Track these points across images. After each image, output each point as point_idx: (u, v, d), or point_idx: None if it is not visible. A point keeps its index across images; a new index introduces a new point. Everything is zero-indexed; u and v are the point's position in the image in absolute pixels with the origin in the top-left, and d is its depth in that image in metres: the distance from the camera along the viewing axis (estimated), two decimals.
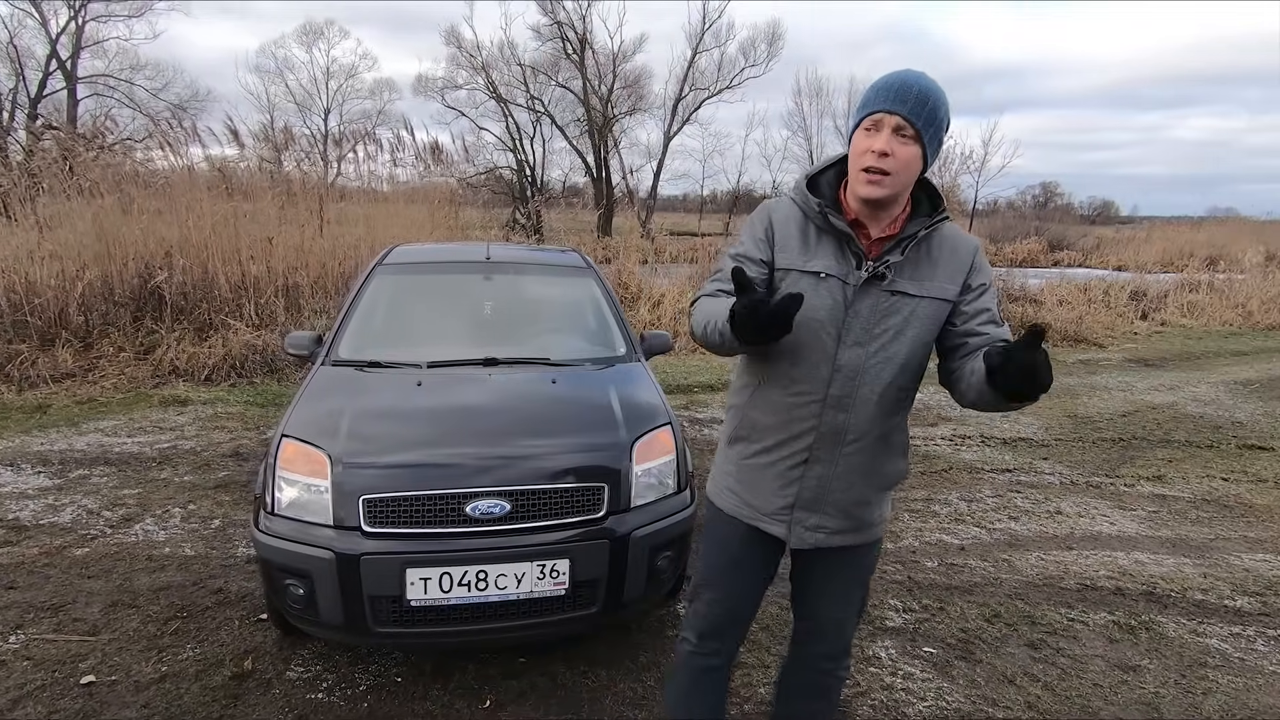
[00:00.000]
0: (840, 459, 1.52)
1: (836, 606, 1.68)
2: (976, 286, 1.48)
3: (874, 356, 1.46)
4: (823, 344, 1.47)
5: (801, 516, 1.56)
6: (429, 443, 2.31)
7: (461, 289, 3.42)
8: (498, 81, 27.28)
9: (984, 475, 4.49)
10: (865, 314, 1.45)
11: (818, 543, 1.58)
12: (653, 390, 2.83)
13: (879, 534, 1.65)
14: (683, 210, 40.84)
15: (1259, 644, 2.66)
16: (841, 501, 1.55)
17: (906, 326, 1.46)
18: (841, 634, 1.70)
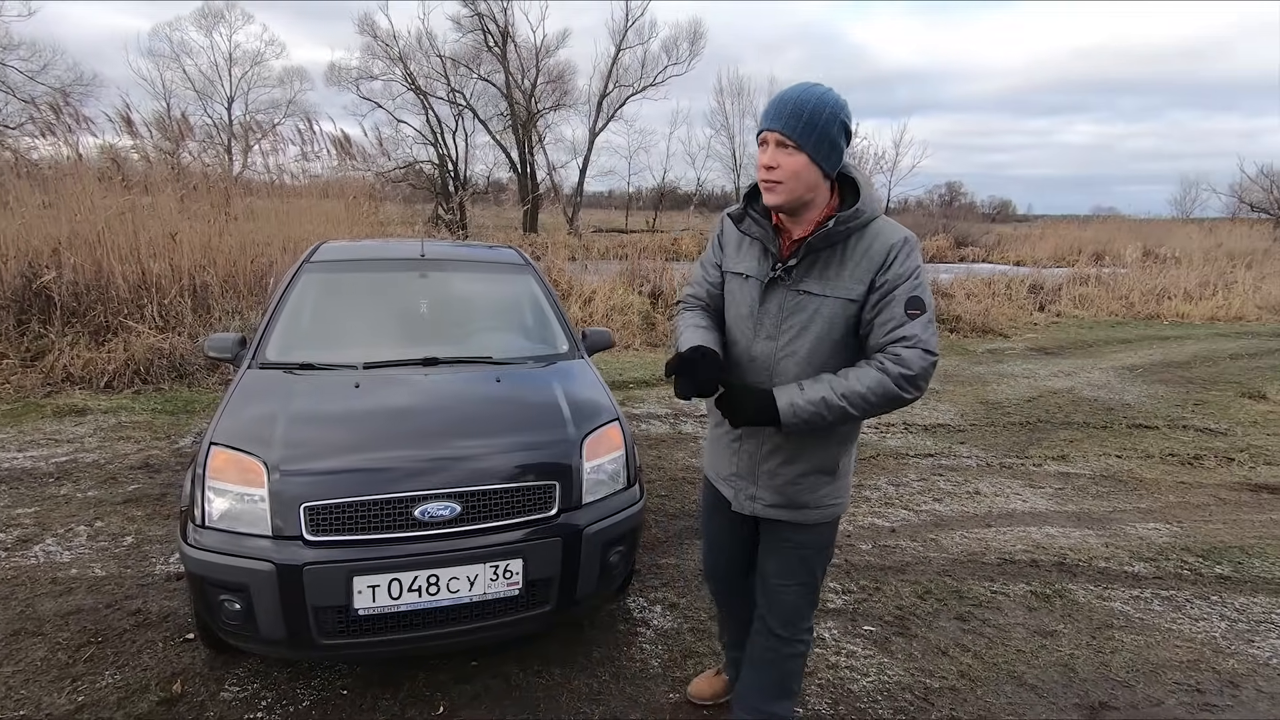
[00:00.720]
0: (765, 439, 1.69)
1: (776, 575, 1.80)
2: (881, 284, 1.53)
3: (782, 350, 1.62)
4: (745, 337, 1.69)
5: (741, 485, 1.77)
6: (372, 446, 2.23)
7: (395, 287, 3.32)
8: (416, 73, 26.49)
9: (909, 460, 4.73)
10: (774, 311, 1.62)
11: (754, 511, 1.76)
12: (598, 387, 2.84)
13: (819, 518, 1.73)
14: (608, 207, 40.88)
15: (1155, 605, 2.92)
16: (772, 478, 1.70)
17: (810, 324, 1.58)
18: (781, 603, 1.80)
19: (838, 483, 1.73)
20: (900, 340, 1.49)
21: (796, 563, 1.77)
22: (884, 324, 1.52)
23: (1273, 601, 2.97)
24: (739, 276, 1.71)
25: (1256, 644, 2.65)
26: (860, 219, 1.54)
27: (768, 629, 1.84)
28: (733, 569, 2.02)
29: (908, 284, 1.52)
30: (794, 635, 1.83)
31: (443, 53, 26.81)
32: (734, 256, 1.73)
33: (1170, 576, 3.17)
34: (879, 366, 1.50)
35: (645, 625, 2.69)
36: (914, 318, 1.50)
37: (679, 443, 5.02)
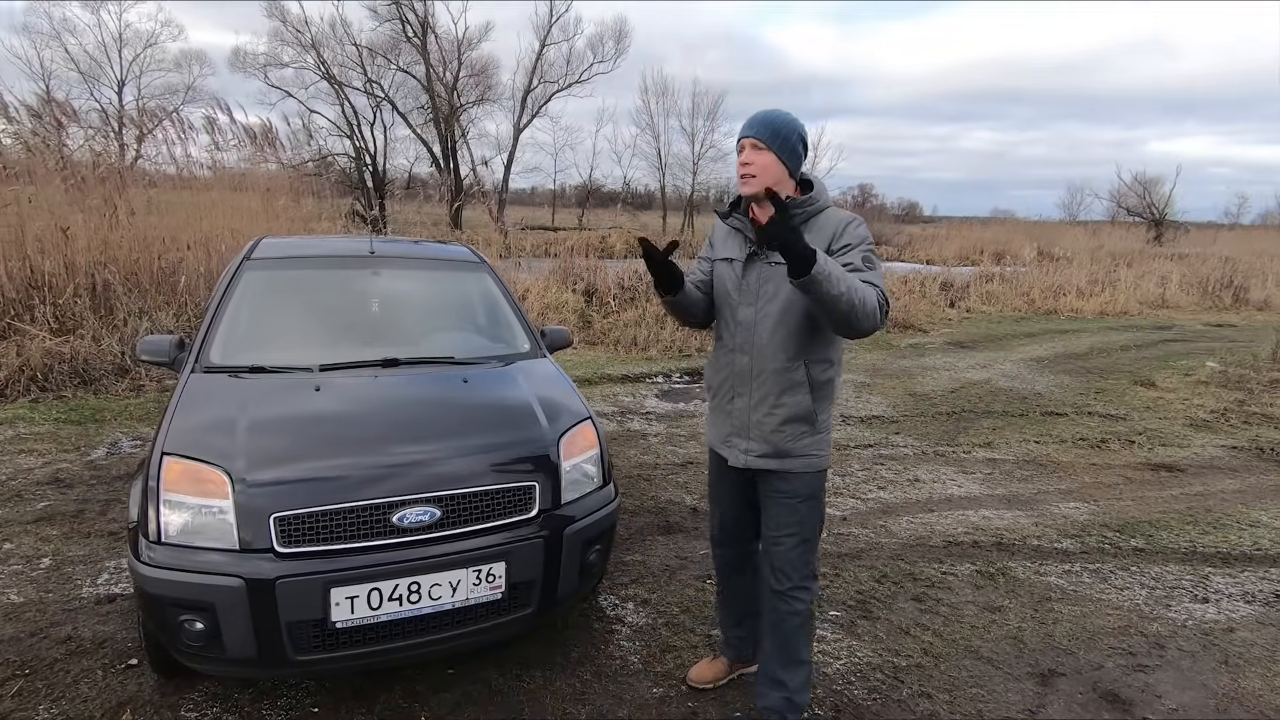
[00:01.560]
0: (752, 392, 2.01)
1: (771, 527, 2.06)
2: (839, 249, 1.89)
3: (760, 312, 1.99)
4: (730, 307, 2.06)
5: (736, 441, 2.06)
6: (344, 451, 2.14)
7: (346, 286, 3.18)
8: (330, 62, 25.32)
9: (851, 451, 4.93)
10: (752, 282, 2.00)
11: (747, 463, 2.04)
12: (566, 386, 2.82)
13: (803, 467, 2.00)
14: (533, 204, 40.38)
15: (1085, 577, 3.16)
16: (761, 428, 2.00)
17: (782, 287, 1.92)
18: (776, 555, 2.04)
19: (818, 436, 2.01)
20: (870, 284, 1.81)
21: (787, 512, 2.02)
22: (854, 273, 1.81)
23: (1181, 569, 3.28)
24: (725, 261, 2.09)
25: (1173, 608, 2.92)
26: (814, 205, 1.96)
27: (770, 589, 2.07)
28: (739, 531, 2.23)
29: (861, 247, 1.90)
30: (790, 589, 2.03)
31: (359, 42, 25.77)
32: (721, 248, 2.13)
33: (1095, 551, 3.44)
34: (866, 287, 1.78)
35: (620, 622, 2.70)
36: (870, 268, 1.87)
37: (629, 440, 5.04)
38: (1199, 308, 15.38)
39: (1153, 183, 36.14)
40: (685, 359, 8.24)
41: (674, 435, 5.21)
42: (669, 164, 34.27)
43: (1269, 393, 7.14)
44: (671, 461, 4.62)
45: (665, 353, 8.44)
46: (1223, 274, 17.31)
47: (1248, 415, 6.33)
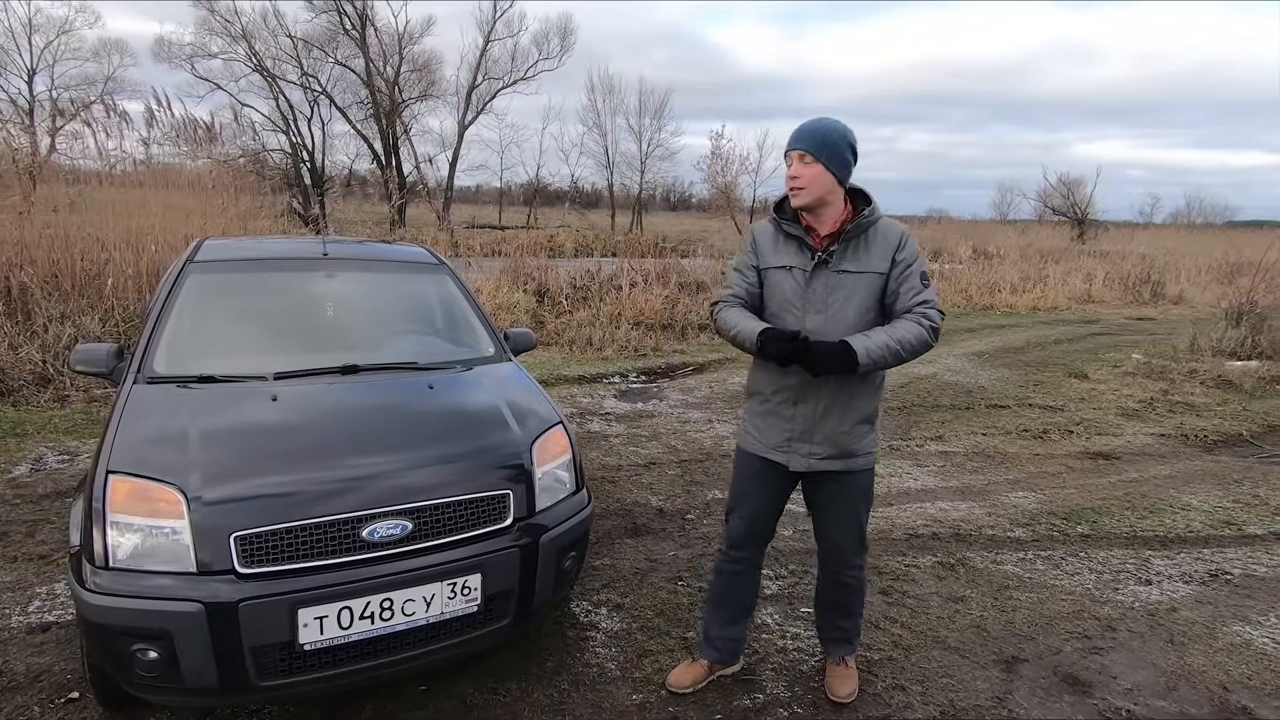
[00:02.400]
0: (820, 398, 2.07)
1: (833, 520, 2.20)
2: (900, 260, 2.02)
3: (832, 319, 2.02)
4: (795, 314, 2.07)
5: (798, 446, 2.10)
6: (307, 463, 2.04)
7: (298, 289, 3.04)
8: (263, 54, 24.33)
9: None
10: (820, 289, 2.04)
11: (809, 466, 2.10)
12: (535, 389, 2.77)
13: (863, 464, 2.13)
14: (478, 202, 39.75)
15: (1039, 564, 3.29)
16: (826, 432, 2.07)
17: (852, 295, 2.02)
18: (832, 543, 2.22)
19: (874, 433, 2.14)
20: (925, 303, 1.98)
21: (847, 506, 2.17)
22: (909, 291, 2.00)
23: (1125, 554, 3.45)
24: (781, 269, 2.09)
25: (1121, 591, 3.06)
26: (874, 216, 2.06)
27: (825, 569, 2.29)
28: (761, 535, 2.32)
29: (918, 263, 2.03)
30: (845, 568, 2.24)
31: (293, 33, 24.85)
32: (771, 255, 2.13)
33: (1045, 539, 3.59)
34: (917, 322, 1.95)
35: (594, 629, 2.66)
36: (927, 286, 2.01)
37: (590, 442, 5.00)
38: (1121, 302, 16.26)
39: (1076, 184, 37.96)
40: (641, 358, 8.24)
41: (635, 436, 5.19)
42: (616, 162, 34.28)
43: (1188, 382, 7.59)
44: (635, 463, 4.60)
45: (621, 352, 8.42)
46: (1141, 271, 18.35)
47: (1172, 404, 6.71)
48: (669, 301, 10.10)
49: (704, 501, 3.98)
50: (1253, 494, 4.35)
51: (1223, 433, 5.91)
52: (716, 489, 4.15)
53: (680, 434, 5.28)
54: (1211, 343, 8.95)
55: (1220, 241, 25.41)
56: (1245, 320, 9.17)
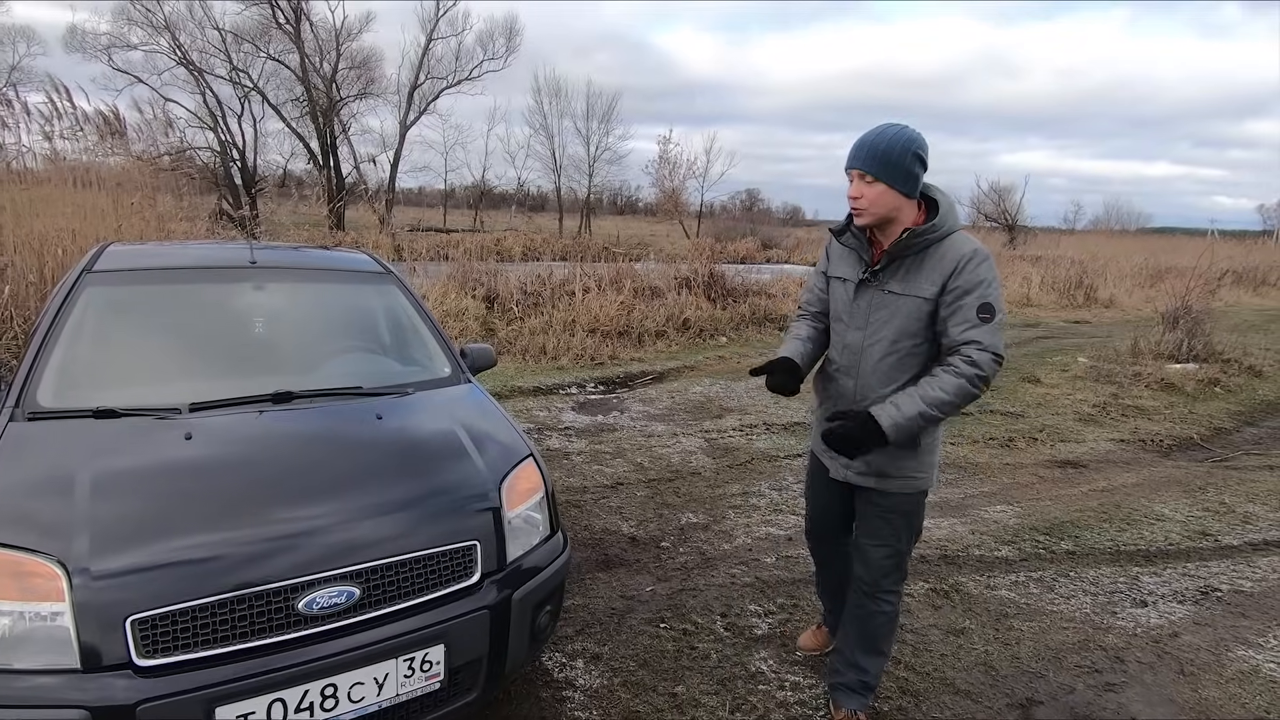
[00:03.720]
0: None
1: (865, 535, 2.11)
2: (954, 288, 1.83)
3: (870, 338, 1.97)
4: (841, 328, 2.06)
5: (838, 455, 2.02)
6: (229, 518, 1.68)
7: (220, 303, 2.64)
8: (188, 46, 22.99)
9: (782, 462, 4.81)
10: (864, 306, 1.98)
11: (846, 478, 2.09)
12: (500, 416, 2.45)
13: (901, 487, 2.01)
14: (421, 205, 38.70)
15: (1032, 588, 3.15)
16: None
17: (893, 317, 1.93)
18: (868, 561, 2.09)
19: (920, 458, 1.99)
20: (973, 343, 1.80)
21: (881, 525, 2.06)
22: (958, 325, 1.82)
23: (1113, 571, 3.35)
24: (839, 280, 2.07)
25: (1120, 615, 2.94)
26: (936, 232, 1.86)
27: (858, 587, 2.14)
28: (832, 528, 2.31)
29: (979, 291, 1.81)
30: (878, 592, 2.09)
31: (221, 25, 23.57)
32: (837, 264, 2.09)
33: (1032, 558, 3.46)
34: (956, 371, 1.80)
35: (571, 687, 2.36)
36: (985, 321, 1.80)
37: (550, 460, 4.67)
38: (1058, 306, 16.83)
39: (1006, 191, 39.48)
40: (598, 367, 7.94)
41: (598, 453, 4.89)
42: (564, 165, 33.84)
43: (1135, 386, 7.76)
44: (600, 483, 4.31)
45: (577, 361, 8.10)
46: (1074, 275, 19.06)
47: (1124, 408, 6.82)
48: (625, 308, 9.84)
49: (678, 526, 3.71)
50: (1219, 501, 4.36)
51: (1175, 437, 6.00)
52: (689, 512, 3.90)
53: (646, 450, 5.01)
54: (1151, 346, 9.22)
55: (1138, 247, 26.73)
56: (1181, 324, 9.50)
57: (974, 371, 1.77)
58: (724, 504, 4.03)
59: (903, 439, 1.81)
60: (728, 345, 9.57)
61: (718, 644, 2.63)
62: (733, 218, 40.24)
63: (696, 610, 2.86)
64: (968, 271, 1.81)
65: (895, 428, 1.80)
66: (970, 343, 1.78)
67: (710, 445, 5.18)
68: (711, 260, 12.55)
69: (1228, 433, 6.41)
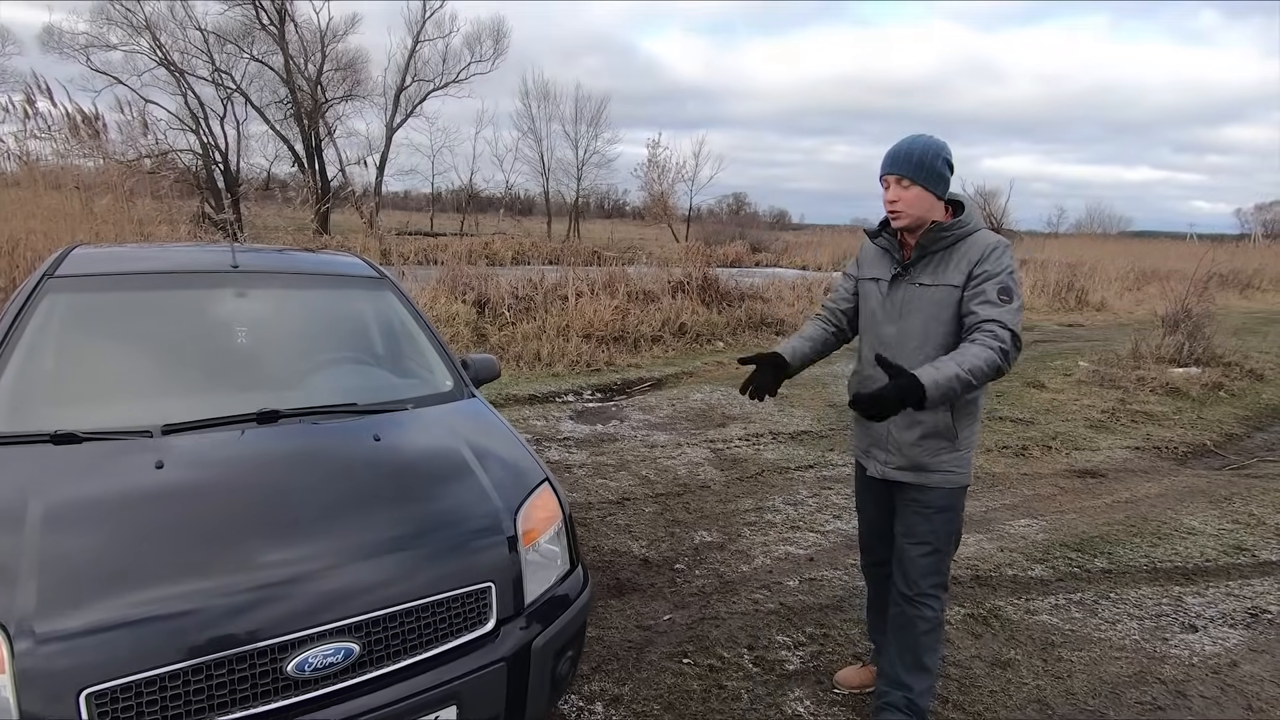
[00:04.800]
0: None
1: (902, 532, 2.07)
2: (978, 275, 1.88)
3: (902, 330, 2.01)
4: (875, 324, 2.09)
5: (875, 453, 2.11)
6: (203, 565, 1.44)
7: (198, 311, 2.39)
8: (169, 47, 22.55)
9: (793, 474, 4.61)
10: (897, 301, 2.03)
11: (884, 474, 2.08)
12: (510, 436, 2.22)
13: (940, 481, 2.00)
14: (408, 208, 38.31)
15: (1074, 611, 2.96)
16: (898, 441, 2.03)
17: (925, 306, 1.97)
18: (905, 559, 2.05)
19: (958, 452, 1.99)
20: (994, 320, 1.80)
21: (920, 522, 2.03)
22: (980, 305, 1.84)
23: (1155, 590, 3.17)
24: (872, 281, 2.12)
25: (1171, 642, 2.75)
26: (961, 229, 1.94)
27: (897, 593, 2.08)
28: (881, 540, 2.20)
29: (1000, 277, 1.86)
30: (918, 595, 2.03)
31: (203, 26, 23.14)
32: (868, 267, 2.15)
33: (1068, 577, 3.27)
34: (985, 344, 1.77)
35: None
36: (1004, 303, 1.83)
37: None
38: (1050, 309, 16.79)
39: (991, 195, 39.69)
40: (594, 374, 7.72)
41: (601, 465, 4.67)
42: (552, 169, 33.60)
43: (1140, 390, 7.64)
44: (605, 499, 4.08)
45: (572, 368, 7.87)
46: (1064, 279, 19.07)
47: (1133, 414, 6.68)
48: (619, 312, 9.63)
49: (692, 546, 3.50)
50: (1247, 512, 4.21)
51: (1189, 443, 5.87)
52: (702, 530, 3.68)
53: (650, 461, 4.79)
54: (1152, 349, 9.13)
55: (1121, 250, 26.89)
56: (1182, 327, 9.42)
57: (999, 344, 1.77)
58: (738, 520, 3.82)
59: (939, 400, 1.73)
60: (725, 350, 9.37)
61: (747, 682, 2.41)
62: (720, 221, 40.12)
63: (721, 642, 2.64)
64: (991, 260, 1.88)
65: (935, 385, 1.71)
66: (992, 320, 1.81)
67: (717, 456, 4.97)
68: (705, 264, 12.37)
69: (1239, 438, 6.29)
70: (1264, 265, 25.83)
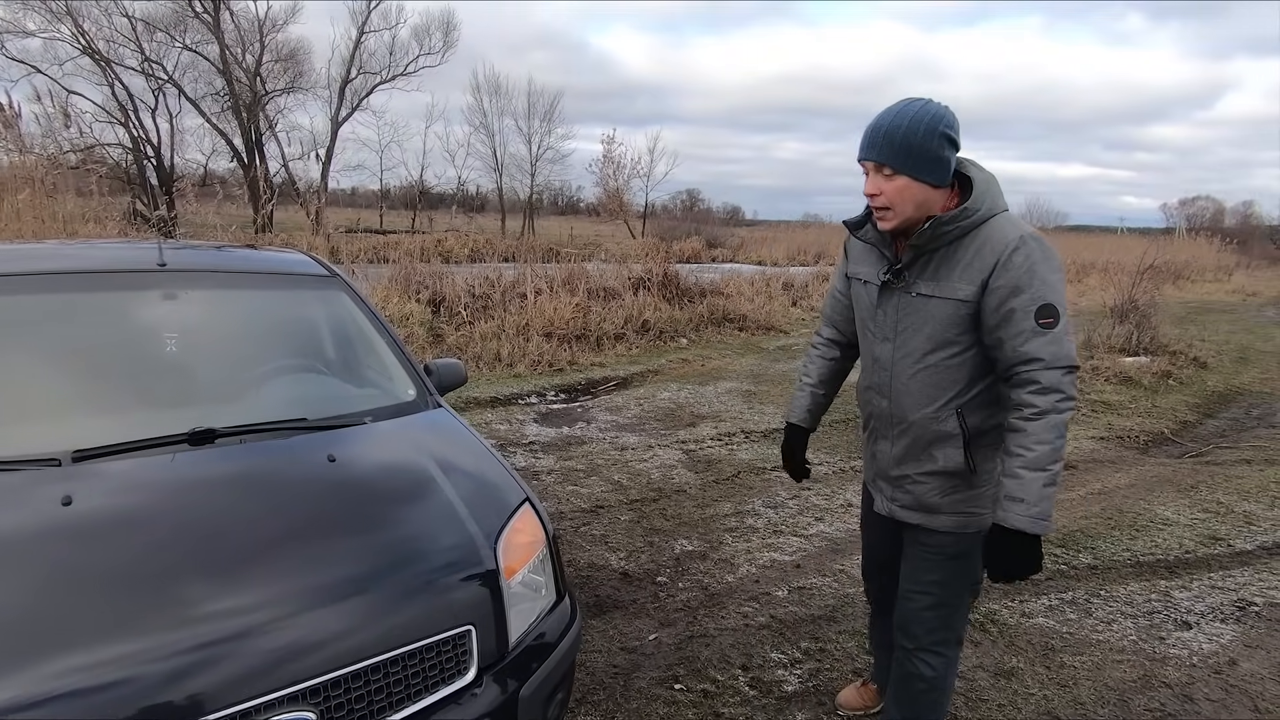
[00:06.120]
0: (895, 438, 1.70)
1: (906, 578, 1.78)
2: (1000, 287, 1.46)
3: (899, 350, 1.63)
4: (868, 339, 1.73)
5: (881, 485, 1.79)
6: (125, 623, 1.19)
7: (118, 316, 2.09)
8: (94, 35, 21.25)
9: (770, 475, 4.47)
10: (891, 312, 1.64)
11: (890, 511, 1.76)
12: (484, 450, 2.00)
13: (952, 525, 1.65)
14: (356, 205, 37.16)
15: (1069, 612, 2.89)
16: (903, 478, 1.70)
17: (923, 325, 1.58)
18: (906, 610, 1.76)
19: (975, 490, 1.63)
20: (1035, 361, 1.44)
21: (925, 569, 1.72)
22: (1014, 337, 1.45)
23: (1143, 586, 3.13)
24: (859, 281, 1.73)
25: (1168, 641, 2.70)
26: (970, 217, 1.49)
27: (896, 639, 1.81)
28: (884, 567, 1.94)
29: (1033, 289, 1.43)
30: (918, 650, 1.74)
31: (130, 13, 21.87)
32: (854, 262, 1.76)
33: (1057, 575, 3.21)
34: (1036, 411, 1.43)
35: None
36: (1047, 328, 1.44)
37: None
38: None
39: None
40: (558, 374, 7.48)
41: (570, 471, 4.45)
42: (506, 165, 33.03)
43: (1097, 380, 7.79)
44: (578, 507, 3.87)
45: (534, 368, 7.61)
46: None
47: (1092, 404, 6.79)
48: (580, 310, 9.40)
49: (673, 556, 3.32)
50: (1215, 500, 4.25)
51: (1148, 432, 5.97)
52: (682, 538, 3.51)
53: (621, 465, 4.60)
54: (1104, 339, 9.36)
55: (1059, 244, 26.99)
56: (1130, 317, 9.69)
57: (1054, 400, 1.43)
58: (718, 526, 3.66)
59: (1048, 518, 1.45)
60: (690, 347, 9.23)
61: (745, 707, 2.25)
62: (675, 218, 40.05)
63: (713, 663, 2.47)
64: (1014, 265, 1.44)
65: (1034, 520, 1.42)
66: (1032, 361, 1.43)
67: (690, 458, 4.80)
68: (666, 260, 12.23)
69: (1193, 425, 6.45)
70: (1193, 257, 27.08)
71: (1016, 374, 1.46)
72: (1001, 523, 1.45)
